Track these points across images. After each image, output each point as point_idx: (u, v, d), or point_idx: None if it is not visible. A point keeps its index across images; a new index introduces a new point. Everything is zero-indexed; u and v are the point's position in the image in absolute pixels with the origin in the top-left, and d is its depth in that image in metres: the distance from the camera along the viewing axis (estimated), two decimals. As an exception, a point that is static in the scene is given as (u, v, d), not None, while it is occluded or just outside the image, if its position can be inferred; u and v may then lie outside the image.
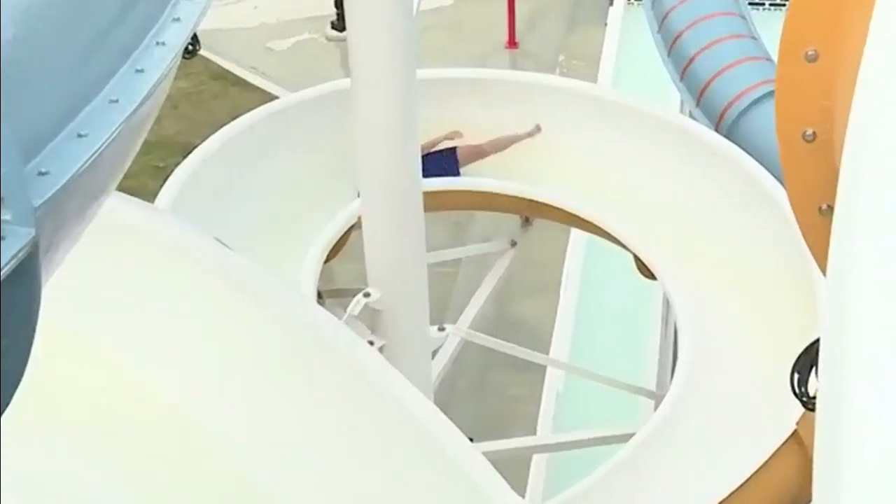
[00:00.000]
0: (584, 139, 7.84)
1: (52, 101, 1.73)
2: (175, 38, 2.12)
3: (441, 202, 7.56)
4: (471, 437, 3.97)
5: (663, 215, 7.41)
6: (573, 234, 9.23)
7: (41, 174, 1.61)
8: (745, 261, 6.86)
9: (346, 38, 5.65)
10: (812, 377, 2.60)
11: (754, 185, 6.84)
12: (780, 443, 5.48)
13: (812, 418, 1.19)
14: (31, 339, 1.48)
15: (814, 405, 1.16)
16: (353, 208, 7.03)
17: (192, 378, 3.66)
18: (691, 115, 8.53)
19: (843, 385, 1.08)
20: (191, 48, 2.47)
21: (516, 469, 7.48)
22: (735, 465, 5.50)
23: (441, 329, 7.52)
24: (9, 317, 1.41)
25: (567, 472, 7.32)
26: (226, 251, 3.96)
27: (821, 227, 1.97)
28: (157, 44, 2.08)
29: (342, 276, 8.40)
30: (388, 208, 5.90)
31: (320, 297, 6.96)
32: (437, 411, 3.58)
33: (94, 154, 1.71)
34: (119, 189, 2.29)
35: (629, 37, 11.74)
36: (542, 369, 8.44)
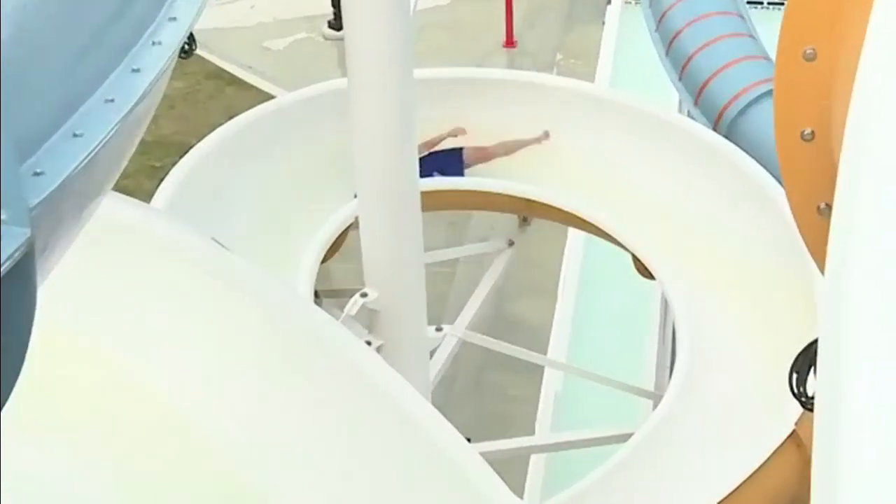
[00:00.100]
0: (582, 139, 7.82)
1: (48, 101, 1.73)
2: (171, 38, 2.12)
3: (438, 202, 7.54)
4: (468, 438, 3.96)
5: (662, 215, 7.40)
6: (571, 233, 9.22)
7: (37, 174, 1.60)
8: (745, 261, 6.85)
9: (343, 38, 5.64)
10: (811, 377, 2.55)
11: (753, 185, 6.83)
12: (778, 443, 5.47)
13: (811, 418, 1.19)
14: (28, 340, 1.47)
15: (812, 405, 1.17)
16: (350, 208, 7.01)
17: (190, 378, 3.64)
18: (689, 114, 8.52)
19: (841, 385, 1.08)
20: (187, 47, 2.44)
21: (514, 469, 7.48)
22: (734, 466, 5.48)
23: (439, 329, 7.53)
24: (5, 317, 1.41)
25: (565, 473, 7.31)
26: (222, 251, 3.94)
27: (819, 227, 1.97)
28: (154, 43, 2.08)
29: (339, 276, 8.38)
30: (385, 208, 5.89)
31: (317, 297, 6.96)
32: (435, 412, 3.55)
33: (89, 154, 1.71)
34: (115, 189, 2.29)
35: (627, 36, 11.73)
36: (540, 369, 8.42)
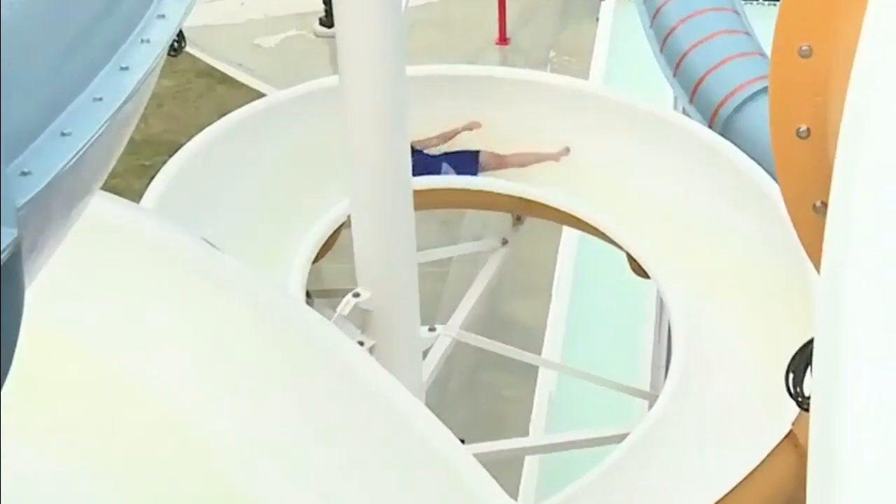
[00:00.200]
0: (576, 136, 7.80)
1: (35, 100, 1.73)
2: (160, 35, 2.13)
3: (431, 200, 7.52)
4: (462, 439, 3.95)
5: (656, 213, 7.38)
6: (565, 232, 9.21)
7: (24, 174, 1.61)
8: (740, 259, 6.84)
9: (334, 35, 5.60)
10: (807, 377, 2.59)
11: (748, 182, 6.81)
12: (775, 443, 5.46)
13: (808, 418, 1.17)
14: (16, 340, 1.47)
15: (809, 405, 1.16)
16: (342, 207, 6.97)
17: (182, 379, 3.62)
18: (685, 111, 8.52)
19: (837, 385, 1.08)
20: (176, 45, 2.49)
21: (509, 471, 7.47)
22: (730, 466, 5.48)
23: (432, 329, 7.50)
24: (-7, 317, 1.40)
25: (560, 474, 7.30)
26: (213, 251, 3.91)
27: (815, 225, 1.97)
28: (142, 41, 2.09)
29: (331, 275, 8.35)
30: (377, 207, 5.85)
31: (309, 297, 6.93)
32: (428, 412, 3.53)
33: (77, 153, 1.72)
34: (104, 188, 2.29)
35: (621, 32, 11.75)
36: (535, 370, 8.41)
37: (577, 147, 7.79)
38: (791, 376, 2.63)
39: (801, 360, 2.61)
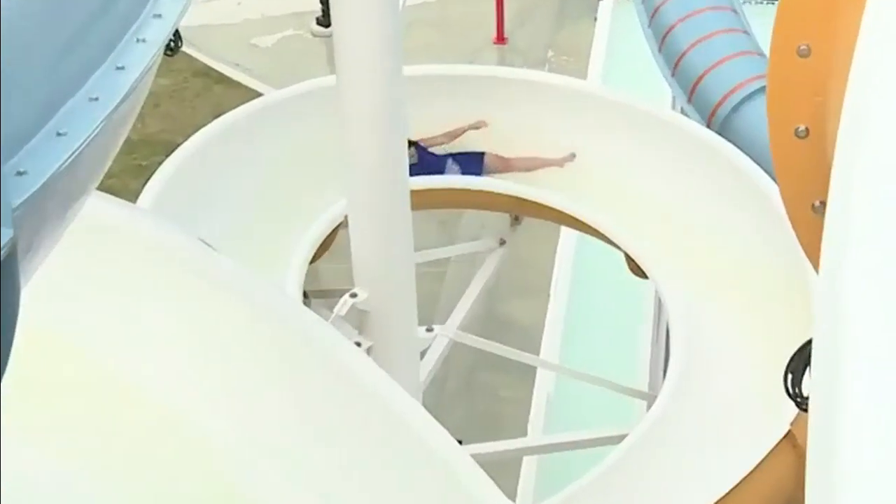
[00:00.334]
0: (574, 136, 7.78)
1: (31, 100, 1.73)
2: (156, 35, 2.13)
3: (429, 200, 7.50)
4: (460, 440, 3.94)
5: (654, 213, 7.37)
6: (563, 232, 9.20)
7: (19, 174, 1.60)
8: (739, 259, 6.82)
9: (331, 34, 5.58)
10: (806, 377, 2.60)
11: (747, 182, 6.80)
12: (774, 443, 5.45)
13: (806, 419, 1.17)
14: (11, 340, 1.47)
15: (808, 406, 1.16)
16: (339, 207, 6.96)
17: (180, 379, 3.61)
18: (683, 110, 8.50)
19: (836, 385, 1.08)
20: (173, 45, 2.50)
21: (506, 472, 7.46)
22: (729, 466, 5.47)
23: (429, 330, 7.47)
24: (-12, 318, 1.40)
25: (558, 475, 7.30)
26: (210, 251, 3.91)
27: (813, 224, 1.97)
28: (138, 40, 2.09)
29: (328, 276, 8.33)
30: (375, 207, 5.83)
31: (306, 297, 6.92)
32: (426, 413, 3.51)
33: (73, 153, 1.71)
34: (100, 188, 2.29)
35: (619, 32, 11.74)
36: (533, 370, 8.40)
37: (576, 147, 7.78)
38: (790, 377, 2.64)
39: (800, 361, 2.61)
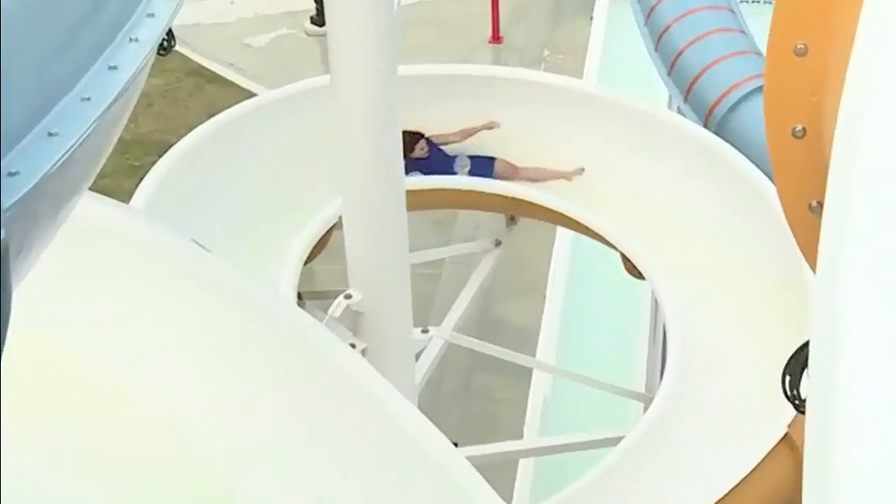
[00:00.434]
0: (570, 136, 7.77)
1: (22, 99, 1.71)
2: (149, 34, 2.12)
3: (424, 201, 7.50)
4: (455, 442, 3.92)
5: (651, 213, 7.37)
6: (559, 232, 9.18)
7: (11, 174, 1.60)
8: (736, 259, 6.82)
9: (325, 34, 5.56)
10: (804, 379, 2.56)
11: (744, 182, 6.80)
12: (771, 445, 5.45)
13: (804, 421, 1.17)
14: (3, 342, 1.46)
15: (805, 408, 1.15)
16: (333, 208, 6.94)
17: (170, 380, 3.60)
18: (679, 110, 8.49)
19: (833, 387, 1.09)
20: (166, 44, 2.51)
21: (503, 474, 7.43)
22: (726, 468, 5.47)
23: (425, 331, 7.49)
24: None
25: (554, 477, 7.29)
26: (203, 253, 3.88)
27: (810, 225, 1.97)
28: (131, 40, 2.08)
29: (323, 277, 8.31)
30: (369, 208, 5.81)
31: (300, 298, 6.91)
32: (421, 415, 3.50)
33: (65, 153, 1.70)
34: (93, 189, 2.29)
35: (615, 31, 11.74)
36: (529, 372, 8.38)
37: (573, 147, 7.77)
38: (787, 378, 2.60)
39: (798, 363, 2.57)
